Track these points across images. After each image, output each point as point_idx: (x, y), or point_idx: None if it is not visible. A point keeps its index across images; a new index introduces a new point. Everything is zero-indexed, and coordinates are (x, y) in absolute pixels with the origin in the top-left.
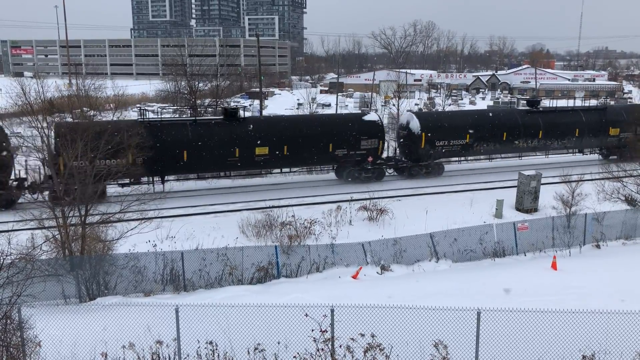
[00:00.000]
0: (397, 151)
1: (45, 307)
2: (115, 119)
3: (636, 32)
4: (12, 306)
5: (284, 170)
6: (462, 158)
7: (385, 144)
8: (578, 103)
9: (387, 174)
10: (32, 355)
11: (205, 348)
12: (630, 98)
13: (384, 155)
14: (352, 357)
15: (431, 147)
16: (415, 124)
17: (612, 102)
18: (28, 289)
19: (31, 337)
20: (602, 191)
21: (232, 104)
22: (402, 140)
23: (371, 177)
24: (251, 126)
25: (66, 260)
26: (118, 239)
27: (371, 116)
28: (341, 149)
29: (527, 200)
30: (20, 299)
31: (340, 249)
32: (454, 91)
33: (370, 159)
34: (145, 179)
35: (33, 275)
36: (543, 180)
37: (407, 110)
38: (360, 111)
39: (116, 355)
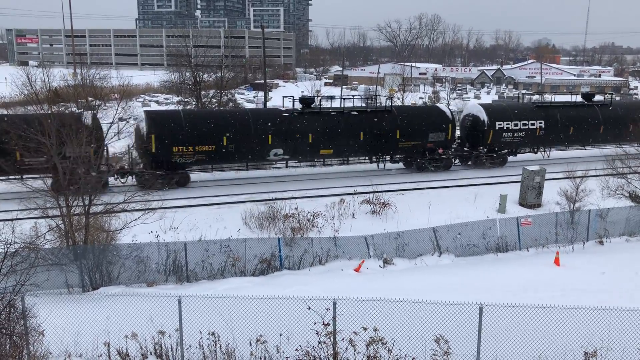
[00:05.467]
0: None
1: (48, 296)
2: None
3: None
4: (16, 295)
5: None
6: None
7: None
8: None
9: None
10: (35, 344)
11: (208, 339)
12: (636, 94)
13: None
14: (355, 351)
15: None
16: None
17: (618, 98)
18: (31, 278)
19: (34, 325)
20: (606, 187)
21: (237, 95)
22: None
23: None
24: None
25: (70, 250)
26: (122, 229)
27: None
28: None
29: (530, 196)
30: (24, 288)
31: (343, 242)
32: (459, 85)
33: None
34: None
35: (37, 264)
36: (547, 176)
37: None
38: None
39: (119, 345)
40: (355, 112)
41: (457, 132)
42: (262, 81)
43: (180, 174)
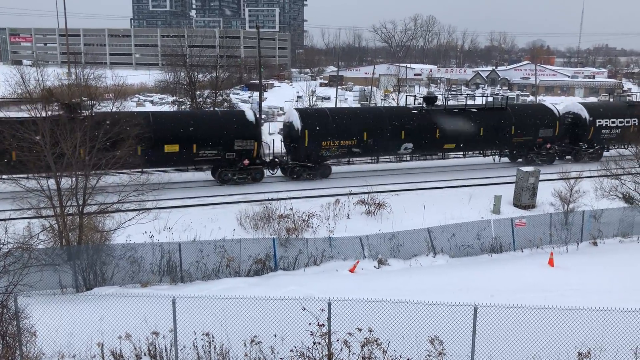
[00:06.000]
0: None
1: (41, 296)
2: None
3: (636, 30)
4: (9, 295)
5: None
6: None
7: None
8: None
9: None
10: (28, 345)
11: (202, 339)
12: (629, 95)
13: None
14: (349, 352)
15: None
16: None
17: (611, 99)
18: (25, 278)
19: (27, 326)
20: (600, 188)
21: (232, 95)
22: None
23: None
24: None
25: (63, 250)
26: (116, 229)
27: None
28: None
29: (525, 197)
30: (17, 288)
31: (338, 243)
32: (454, 86)
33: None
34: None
35: (30, 265)
36: (541, 177)
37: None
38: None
39: (112, 346)
40: (475, 110)
41: None
42: (257, 81)
43: (324, 166)
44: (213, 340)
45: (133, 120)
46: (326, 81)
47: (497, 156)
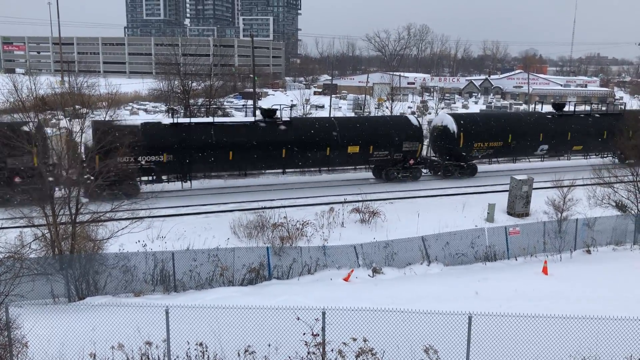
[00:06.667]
0: None
1: (33, 306)
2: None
3: (628, 39)
4: (0, 305)
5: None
6: None
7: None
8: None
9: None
10: (19, 356)
11: (195, 349)
12: (622, 104)
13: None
14: None
15: None
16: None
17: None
18: (16, 288)
19: (18, 337)
20: (593, 197)
21: (226, 104)
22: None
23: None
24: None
25: (55, 259)
26: (108, 238)
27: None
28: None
29: (518, 205)
30: (8, 298)
31: (332, 251)
32: (447, 95)
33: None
34: None
35: (21, 274)
36: (535, 185)
37: None
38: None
39: (105, 356)
40: (597, 115)
41: None
42: (251, 90)
43: (472, 166)
44: (207, 350)
45: (322, 124)
46: (320, 90)
47: (615, 158)
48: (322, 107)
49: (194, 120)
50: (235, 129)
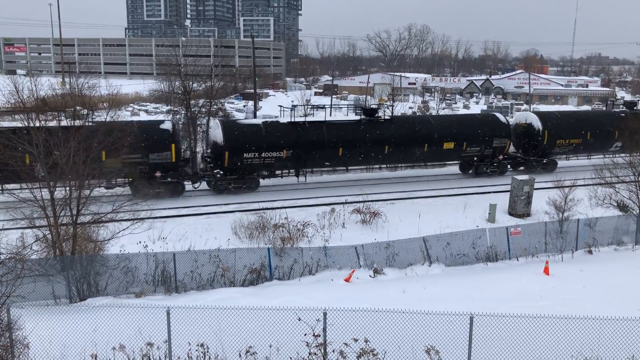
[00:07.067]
0: None
1: (34, 307)
2: None
3: (629, 39)
4: (1, 306)
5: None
6: None
7: None
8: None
9: None
10: (20, 357)
11: (197, 350)
12: (622, 104)
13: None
14: None
15: None
16: None
17: (603, 108)
18: (18, 289)
19: (20, 338)
20: (594, 197)
21: (226, 104)
22: None
23: None
24: None
25: (57, 260)
26: (109, 239)
27: None
28: None
29: (520, 205)
30: (10, 299)
31: (333, 252)
32: (448, 95)
33: None
34: None
35: (23, 275)
36: (536, 185)
37: None
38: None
39: (106, 357)
40: None
41: None
42: (251, 90)
43: (552, 162)
44: (208, 351)
45: (420, 121)
46: (321, 90)
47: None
48: (323, 107)
49: (308, 119)
50: (343, 127)
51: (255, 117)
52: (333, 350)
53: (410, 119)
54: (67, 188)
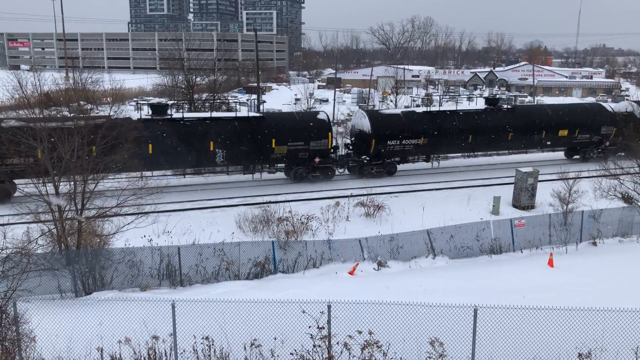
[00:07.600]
0: None
1: (40, 301)
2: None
3: (634, 29)
4: (8, 300)
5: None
6: None
7: None
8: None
9: None
10: (27, 350)
11: (202, 343)
12: (628, 95)
13: None
14: (349, 354)
15: None
16: None
17: (609, 100)
18: (24, 283)
19: (26, 331)
20: (599, 188)
21: (230, 98)
22: None
23: None
24: None
25: (62, 255)
26: (114, 233)
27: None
28: None
29: (524, 197)
30: (16, 293)
31: (337, 245)
32: (452, 87)
33: None
34: None
35: (29, 269)
36: (540, 177)
37: None
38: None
39: (112, 350)
40: None
41: None
42: (255, 84)
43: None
44: (213, 344)
45: (538, 110)
46: (324, 83)
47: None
48: (326, 101)
49: (441, 108)
50: (472, 116)
51: (259, 110)
52: (337, 343)
53: (528, 109)
54: (88, 182)
